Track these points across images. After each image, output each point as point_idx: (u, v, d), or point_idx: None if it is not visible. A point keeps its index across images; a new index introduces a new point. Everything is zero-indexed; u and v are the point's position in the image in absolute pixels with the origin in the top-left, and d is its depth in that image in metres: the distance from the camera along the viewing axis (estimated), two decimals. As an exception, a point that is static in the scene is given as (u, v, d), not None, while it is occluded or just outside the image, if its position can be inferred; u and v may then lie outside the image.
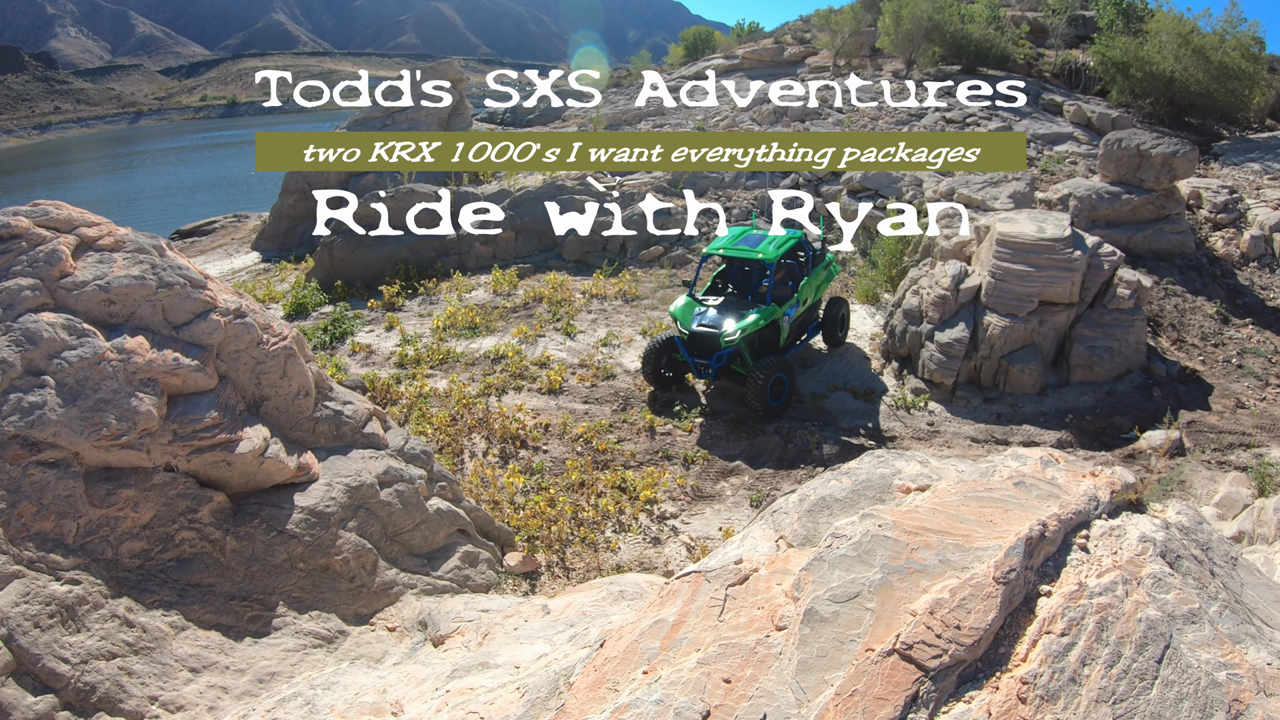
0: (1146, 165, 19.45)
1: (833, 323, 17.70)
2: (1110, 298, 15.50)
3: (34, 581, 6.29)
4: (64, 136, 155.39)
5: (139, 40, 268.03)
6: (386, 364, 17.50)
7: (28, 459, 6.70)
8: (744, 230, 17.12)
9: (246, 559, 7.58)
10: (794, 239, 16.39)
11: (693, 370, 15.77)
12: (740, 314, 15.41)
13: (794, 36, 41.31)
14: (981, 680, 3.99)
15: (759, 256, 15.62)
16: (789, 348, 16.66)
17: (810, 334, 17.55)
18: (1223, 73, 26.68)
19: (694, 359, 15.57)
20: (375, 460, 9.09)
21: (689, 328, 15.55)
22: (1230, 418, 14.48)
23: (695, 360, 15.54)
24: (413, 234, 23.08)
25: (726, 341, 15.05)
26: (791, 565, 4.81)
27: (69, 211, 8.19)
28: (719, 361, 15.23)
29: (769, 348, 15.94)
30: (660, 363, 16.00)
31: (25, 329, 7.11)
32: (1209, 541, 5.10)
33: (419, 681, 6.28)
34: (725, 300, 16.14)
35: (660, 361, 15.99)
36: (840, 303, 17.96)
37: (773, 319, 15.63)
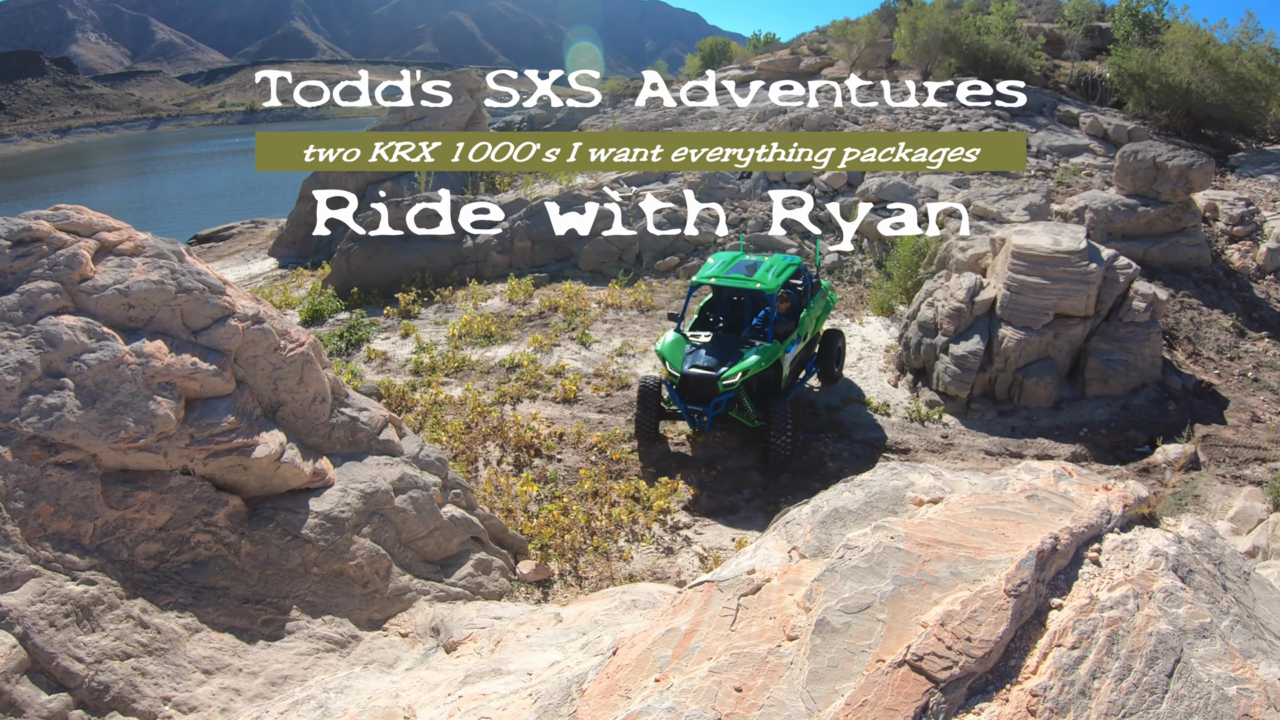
0: (1162, 177, 19.40)
1: (830, 358, 16.44)
2: (1126, 311, 15.46)
3: (50, 581, 6.35)
4: (83, 141, 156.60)
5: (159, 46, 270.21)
6: (402, 371, 17.57)
7: (46, 460, 6.76)
8: (735, 256, 15.57)
9: (261, 563, 7.63)
10: (793, 265, 15.06)
11: (685, 418, 14.10)
12: (738, 352, 13.92)
13: (810, 48, 41.38)
14: (991, 692, 4.00)
15: (758, 286, 14.15)
16: (790, 389, 14.97)
17: (809, 371, 16.06)
18: (1239, 84, 26.59)
19: (687, 406, 13.86)
20: (390, 467, 9.14)
21: (680, 369, 13.84)
22: (1246, 432, 14.42)
23: (689, 407, 13.82)
24: (429, 242, 23.19)
25: (726, 385, 13.47)
26: (804, 576, 4.83)
27: (90, 216, 8.27)
28: (717, 408, 13.68)
29: (769, 390, 14.40)
30: (655, 412, 14.52)
31: (45, 331, 7.19)
32: (1222, 556, 5.09)
33: (431, 687, 6.31)
34: (718, 336, 14.62)
35: (656, 409, 14.53)
36: (837, 335, 16.72)
37: (776, 358, 14.04)
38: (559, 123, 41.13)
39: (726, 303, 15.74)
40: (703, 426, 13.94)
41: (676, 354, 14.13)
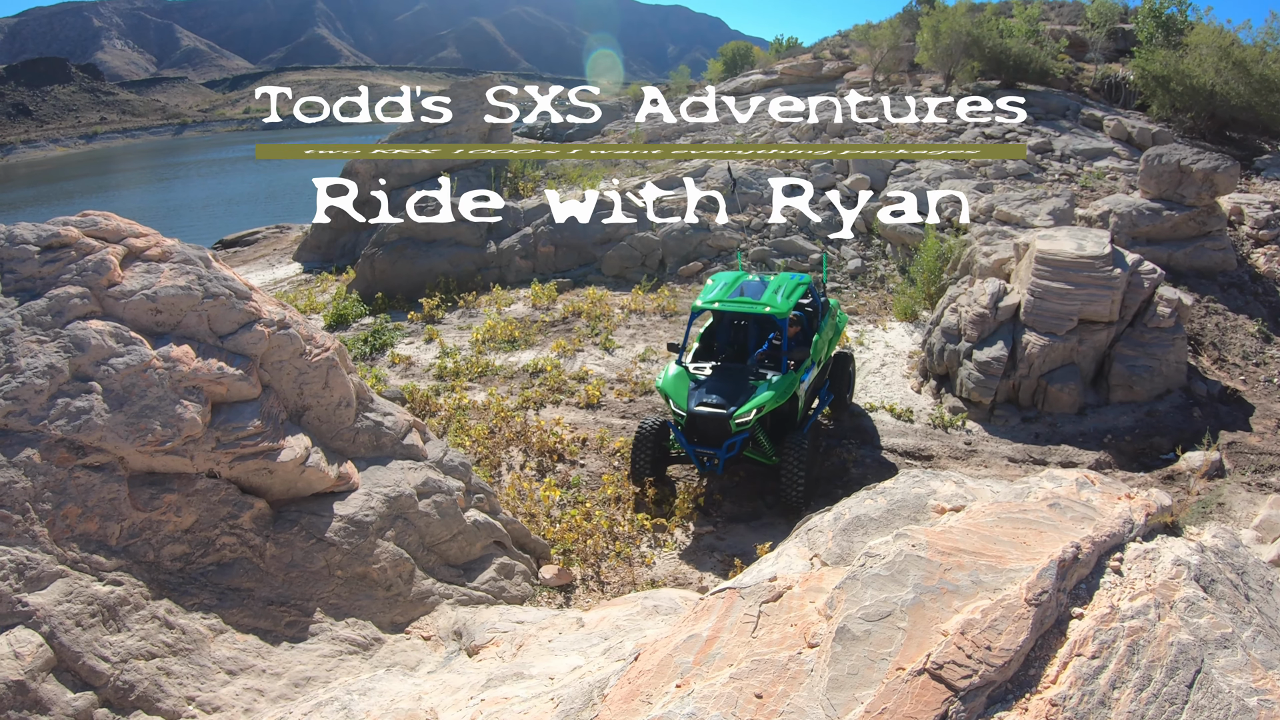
0: (1187, 181, 19.27)
1: (840, 384, 15.38)
2: (1150, 316, 15.36)
3: (77, 581, 6.44)
4: (109, 146, 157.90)
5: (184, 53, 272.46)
6: (426, 376, 17.66)
7: (74, 462, 6.86)
8: (738, 276, 14.27)
9: (285, 565, 7.70)
10: (803, 284, 13.94)
11: (694, 462, 12.71)
12: (748, 386, 12.73)
13: (833, 52, 41.26)
14: (1011, 701, 4.00)
15: (767, 310, 12.91)
16: (805, 422, 13.69)
17: (823, 400, 14.79)
18: (1264, 86, 26.35)
19: (695, 449, 12.55)
20: (414, 471, 9.20)
21: (686, 408, 12.55)
22: (1272, 438, 14.30)
23: (698, 450, 12.53)
24: (452, 246, 23.31)
25: (739, 425, 12.27)
26: (825, 583, 4.84)
27: (117, 222, 8.38)
28: (730, 450, 12.39)
29: (784, 424, 13.22)
30: (656, 455, 13.21)
31: (74, 335, 7.29)
32: (1245, 565, 5.07)
33: (454, 690, 6.35)
34: (724, 368, 13.33)
35: (656, 454, 13.20)
36: (847, 359, 15.70)
37: (792, 390, 12.87)
38: (581, 129, 41.18)
39: (729, 328, 14.47)
40: (713, 470, 12.66)
41: (681, 390, 12.84)
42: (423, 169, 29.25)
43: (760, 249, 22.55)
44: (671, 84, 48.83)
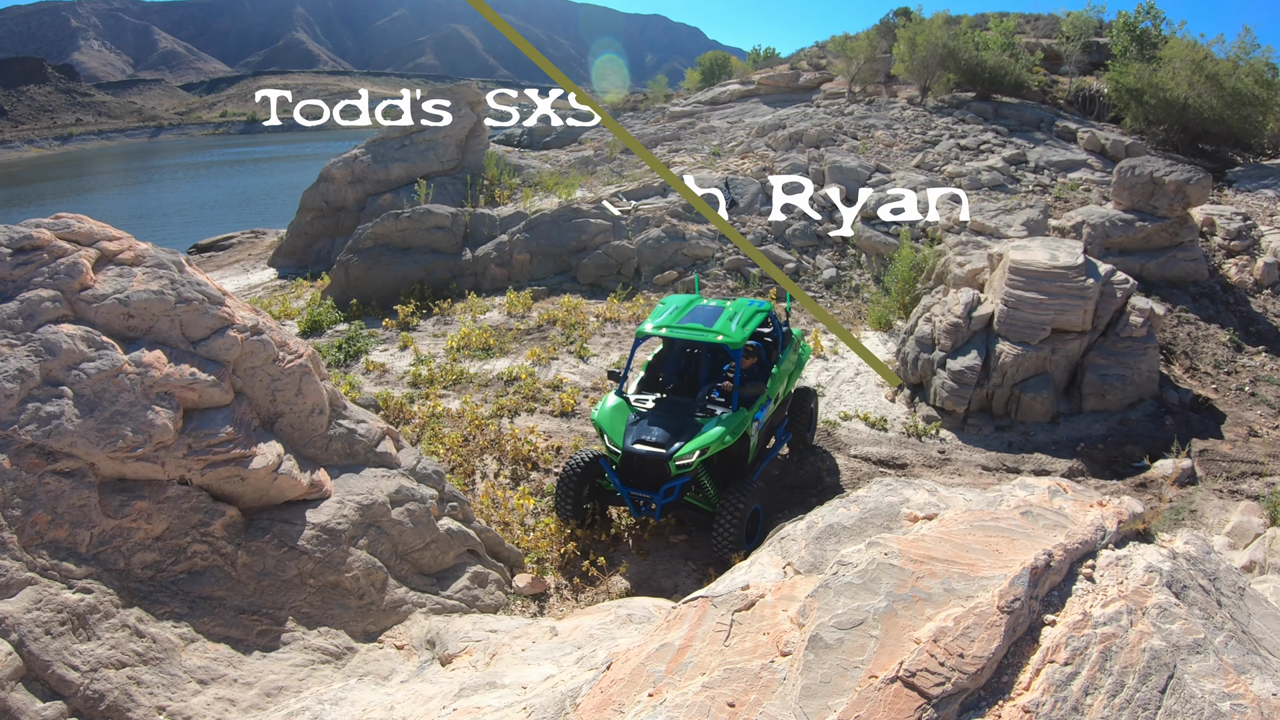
0: (1160, 192, 19.46)
1: (802, 421, 14.16)
2: (1123, 326, 15.49)
3: (46, 589, 6.35)
4: (85, 148, 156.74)
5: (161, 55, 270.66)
6: (400, 383, 17.57)
7: (44, 468, 6.77)
8: (691, 300, 12.99)
9: (257, 574, 7.63)
10: (761, 312, 12.59)
11: (628, 505, 11.37)
12: (694, 423, 11.32)
13: (810, 63, 41.53)
14: (984, 708, 4.01)
15: (719, 339, 11.59)
16: (757, 465, 12.58)
17: (780, 440, 13.66)
18: (1236, 99, 26.72)
19: (630, 491, 11.22)
20: (387, 479, 9.15)
21: (621, 445, 11.23)
22: (1243, 446, 14.43)
23: (632, 493, 11.21)
24: (428, 254, 23.24)
25: (680, 468, 10.95)
26: (798, 592, 4.84)
27: (91, 225, 8.30)
28: (669, 496, 11.10)
29: (734, 466, 11.89)
30: (582, 494, 11.90)
31: (45, 339, 7.20)
32: (1216, 571, 5.11)
33: (426, 700, 6.31)
34: (668, 402, 11.94)
35: (582, 493, 11.89)
36: (809, 395, 14.43)
37: (743, 430, 11.51)
38: (558, 136, 41.21)
39: (679, 357, 13.21)
40: (651, 514, 11.27)
41: (618, 425, 11.53)
42: (399, 175, 29.21)
43: (736, 258, 22.60)
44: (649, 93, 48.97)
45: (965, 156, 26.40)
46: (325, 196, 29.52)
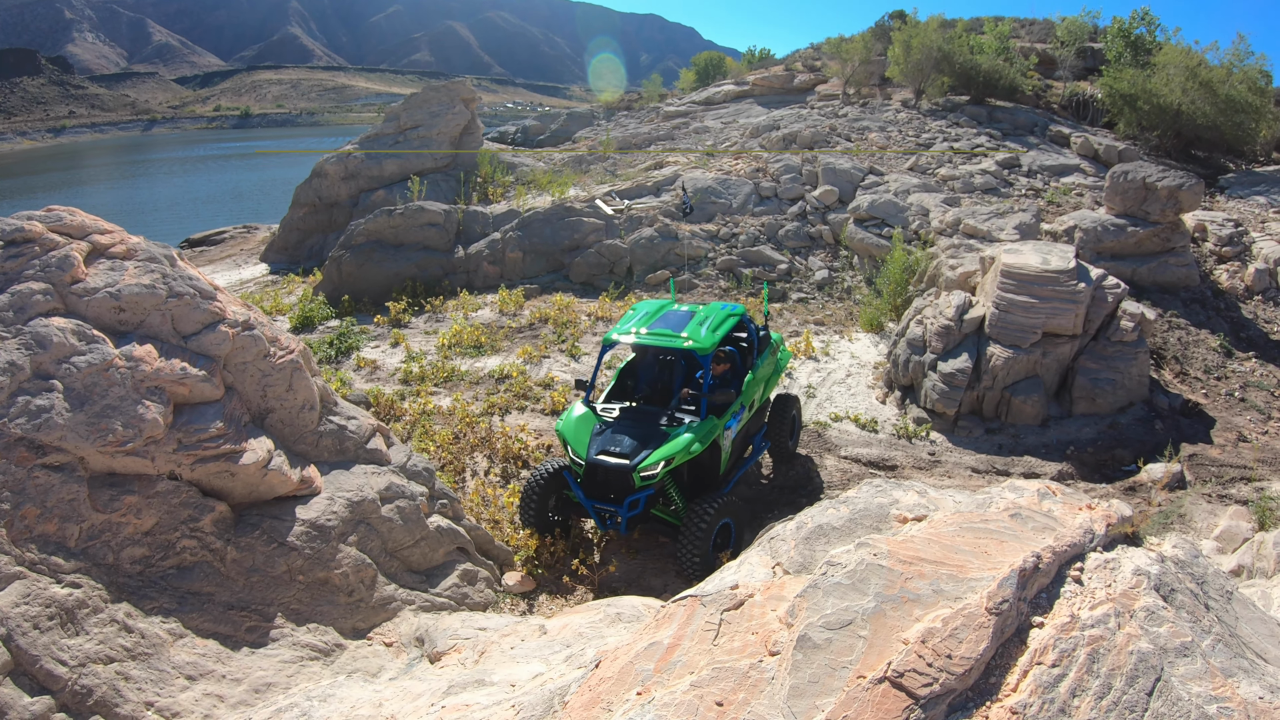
0: (1152, 198, 19.50)
1: (782, 428, 13.68)
2: (1114, 330, 15.53)
3: (35, 583, 6.33)
4: (77, 141, 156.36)
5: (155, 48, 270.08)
6: (391, 380, 17.55)
7: (33, 461, 6.76)
8: (662, 305, 12.53)
9: (246, 569, 7.62)
10: (734, 316, 12.16)
11: (593, 518, 10.99)
12: (661, 432, 10.84)
13: (804, 64, 41.56)
14: (971, 710, 4.01)
15: (688, 345, 11.12)
16: (731, 475, 12.20)
17: (757, 449, 13.35)
18: (1230, 106, 26.79)
19: (594, 504, 10.81)
20: (377, 476, 9.14)
21: (585, 456, 10.75)
22: (1232, 451, 14.48)
23: (596, 506, 10.79)
24: (420, 251, 23.22)
25: (644, 480, 10.48)
26: (787, 592, 4.84)
27: (82, 218, 8.28)
28: (634, 509, 10.64)
29: (705, 477, 11.50)
30: (547, 505, 11.45)
31: (35, 333, 7.18)
32: (1204, 575, 5.12)
33: (415, 697, 6.30)
34: (636, 410, 11.56)
35: (547, 504, 11.44)
36: (790, 401, 14.06)
37: (713, 438, 11.09)
38: (552, 135, 41.19)
39: (652, 364, 12.66)
40: (616, 528, 10.81)
41: (582, 435, 11.07)
42: (392, 171, 29.18)
43: (728, 258, 22.62)
44: (644, 92, 48.97)
45: (959, 160, 26.46)
46: (318, 192, 29.50)
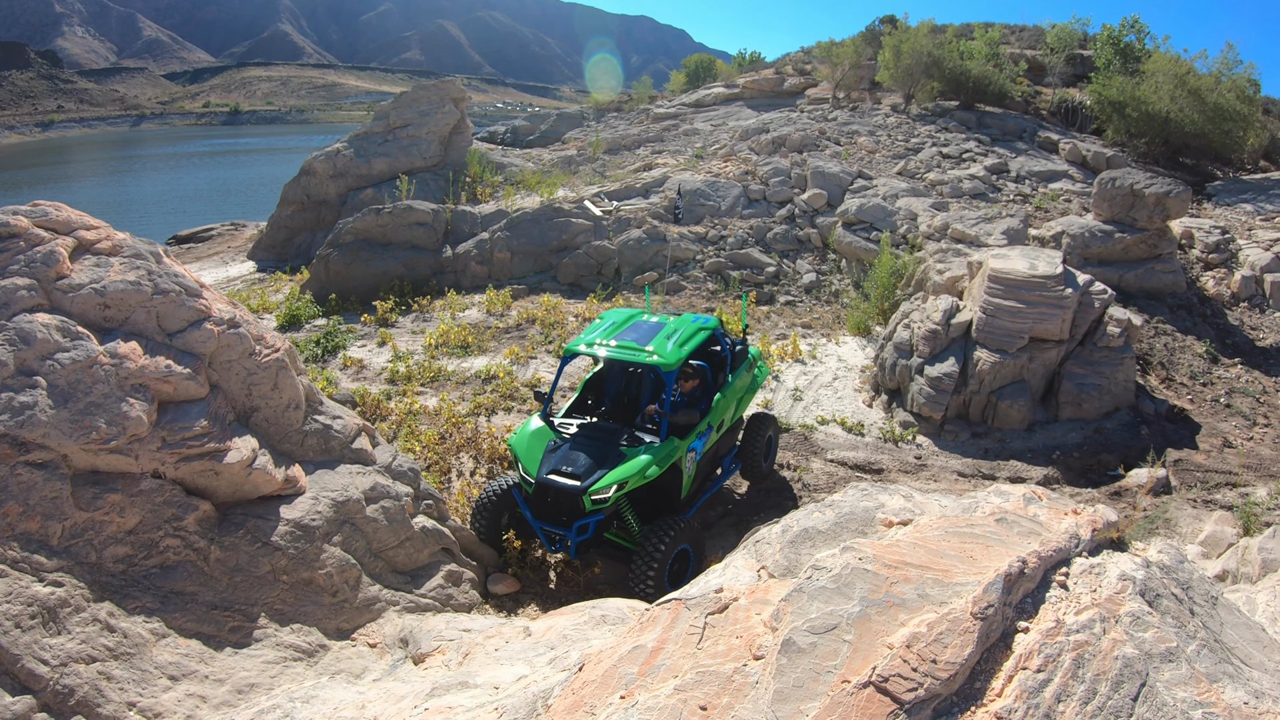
0: (1140, 204, 19.57)
1: (756, 449, 12.83)
2: (1100, 335, 15.58)
3: (17, 581, 6.28)
4: (66, 136, 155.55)
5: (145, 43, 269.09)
6: (378, 380, 17.50)
7: (16, 459, 6.70)
8: (630, 316, 11.98)
9: (230, 569, 7.57)
10: (706, 329, 11.60)
11: (541, 540, 10.51)
12: (618, 452, 10.21)
13: (795, 67, 41.65)
14: (956, 714, 4.01)
15: (652, 359, 10.51)
16: (694, 500, 11.53)
17: (726, 470, 12.64)
18: (1218, 114, 26.93)
19: (542, 526, 10.21)
20: (362, 476, 9.10)
21: (535, 475, 10.16)
22: (1217, 457, 14.54)
23: (545, 528, 10.19)
24: (408, 250, 23.17)
25: (596, 503, 9.92)
26: (771, 595, 4.83)
27: (68, 213, 8.22)
28: (584, 533, 10.02)
29: (665, 502, 10.88)
30: (499, 524, 10.91)
31: (19, 329, 7.13)
32: (1189, 580, 5.13)
33: (398, 699, 6.27)
34: (593, 427, 10.89)
35: (499, 523, 10.92)
36: (767, 421, 13.16)
37: (673, 460, 10.39)
38: (542, 135, 41.14)
39: (619, 377, 12.15)
40: (566, 551, 10.18)
41: (534, 452, 10.45)
42: (381, 170, 29.12)
43: (716, 260, 22.63)
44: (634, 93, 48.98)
45: (947, 164, 26.53)
46: (306, 190, 29.41)
